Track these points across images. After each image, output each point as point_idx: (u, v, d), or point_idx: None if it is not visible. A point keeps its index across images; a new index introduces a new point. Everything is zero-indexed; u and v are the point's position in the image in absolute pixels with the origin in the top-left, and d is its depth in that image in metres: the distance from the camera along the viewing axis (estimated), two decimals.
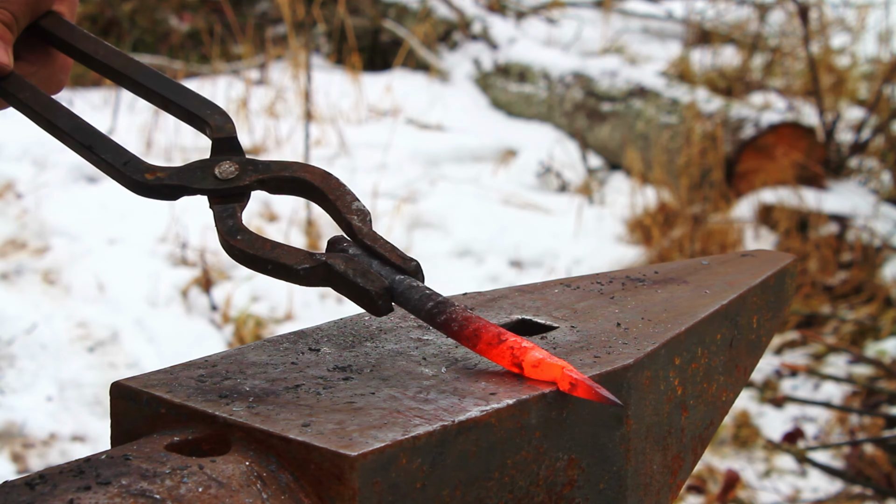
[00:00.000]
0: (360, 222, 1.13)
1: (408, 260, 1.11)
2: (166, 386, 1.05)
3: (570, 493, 1.08)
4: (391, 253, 1.11)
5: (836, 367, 4.54)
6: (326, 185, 1.15)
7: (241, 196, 1.13)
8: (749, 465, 4.05)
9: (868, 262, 5.05)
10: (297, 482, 0.95)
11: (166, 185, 1.13)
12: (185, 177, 1.13)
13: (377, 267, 1.11)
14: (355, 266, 1.09)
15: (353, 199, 1.14)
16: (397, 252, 1.12)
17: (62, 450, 3.81)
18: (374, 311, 1.10)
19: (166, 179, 1.13)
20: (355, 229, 1.12)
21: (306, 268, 1.09)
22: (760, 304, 1.33)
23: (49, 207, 5.14)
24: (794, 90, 6.63)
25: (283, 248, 1.10)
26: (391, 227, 5.33)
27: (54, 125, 1.18)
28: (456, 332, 1.09)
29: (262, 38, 7.46)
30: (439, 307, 1.10)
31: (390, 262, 1.11)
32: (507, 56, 7.13)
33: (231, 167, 1.14)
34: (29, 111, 1.19)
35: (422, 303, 1.10)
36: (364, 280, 1.08)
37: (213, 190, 1.13)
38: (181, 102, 1.19)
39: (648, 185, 5.83)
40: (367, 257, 1.11)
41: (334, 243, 1.13)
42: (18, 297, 4.52)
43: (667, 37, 8.03)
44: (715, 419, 1.27)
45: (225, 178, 1.13)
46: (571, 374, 1.04)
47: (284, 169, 1.15)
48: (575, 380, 1.04)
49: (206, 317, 4.63)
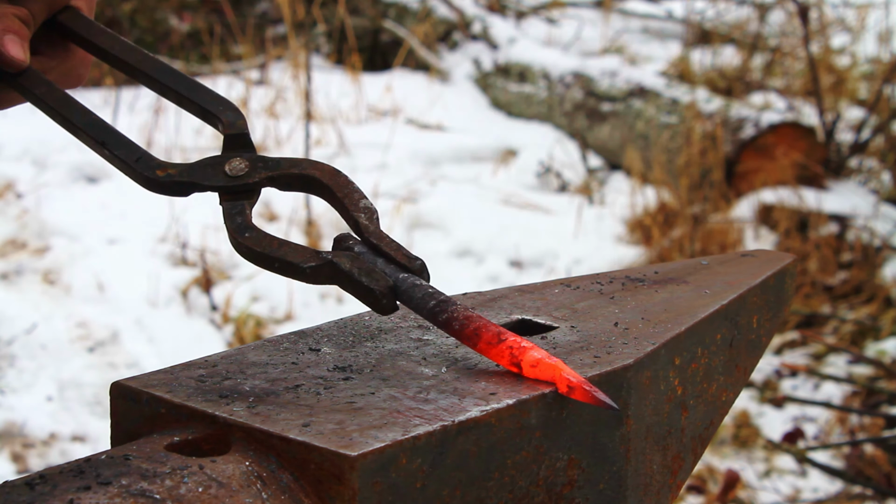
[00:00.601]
0: (367, 220, 1.14)
1: (413, 259, 1.12)
2: (166, 386, 1.05)
3: (570, 493, 1.08)
4: (396, 252, 1.12)
5: (836, 367, 4.54)
6: (335, 182, 1.16)
7: (251, 193, 1.14)
8: (749, 465, 4.05)
9: (868, 262, 5.05)
10: (297, 482, 0.95)
11: (177, 182, 1.14)
12: (196, 173, 1.14)
13: (382, 265, 1.11)
14: (360, 265, 1.10)
15: (361, 196, 1.15)
16: (403, 251, 1.12)
17: (62, 450, 3.81)
18: (378, 310, 1.10)
19: (177, 176, 1.14)
20: (362, 227, 1.13)
21: (312, 266, 1.09)
22: (760, 304, 1.33)
23: (49, 207, 5.14)
24: (794, 90, 6.63)
25: (289, 247, 1.11)
26: (391, 227, 5.33)
27: (69, 120, 1.19)
28: (457, 330, 1.09)
29: (262, 38, 7.46)
30: (441, 306, 1.10)
31: (395, 261, 1.12)
32: (507, 56, 7.13)
33: (241, 164, 1.15)
34: (44, 106, 1.20)
35: (424, 301, 1.10)
36: (369, 279, 1.09)
37: (224, 187, 1.14)
38: (195, 98, 1.20)
39: (648, 185, 5.83)
40: (372, 255, 1.12)
41: (340, 241, 1.14)
42: (18, 297, 4.52)
43: (667, 37, 8.03)
44: (715, 419, 1.27)
45: (235, 175, 1.14)
46: (569, 376, 1.04)
47: (294, 166, 1.16)
48: (572, 382, 1.04)
49: (206, 317, 4.63)
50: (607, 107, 6.34)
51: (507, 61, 7.09)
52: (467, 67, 7.27)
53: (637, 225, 5.56)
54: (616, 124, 6.27)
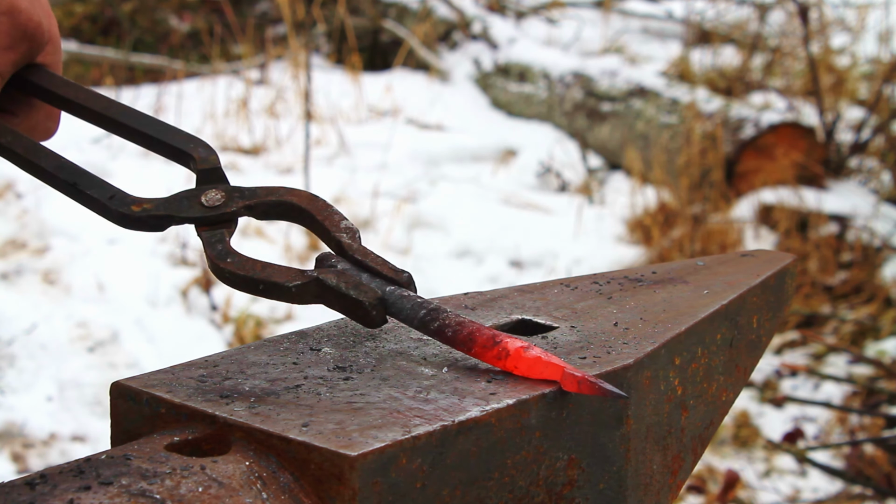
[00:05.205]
0: (350, 239, 1.14)
1: (399, 272, 1.12)
2: (166, 386, 1.05)
3: (570, 493, 1.08)
4: (383, 266, 1.12)
5: (836, 367, 4.54)
6: (314, 206, 1.15)
7: (229, 222, 1.14)
8: (749, 465, 4.05)
9: (868, 262, 5.05)
10: (297, 482, 0.95)
11: (153, 216, 1.13)
12: (172, 207, 1.14)
13: (367, 280, 1.11)
14: (347, 279, 1.10)
15: (342, 218, 1.15)
16: (389, 265, 1.13)
17: (62, 450, 3.82)
18: (368, 323, 1.11)
19: (153, 210, 1.13)
20: (345, 246, 1.13)
21: (298, 284, 1.09)
22: (760, 304, 1.33)
23: (49, 207, 5.14)
24: (794, 90, 6.63)
25: (273, 268, 1.10)
26: (391, 227, 5.33)
27: (37, 166, 1.18)
28: (450, 337, 1.09)
29: (262, 38, 7.46)
30: (432, 314, 1.10)
31: (381, 275, 1.12)
32: (507, 56, 7.13)
33: (217, 195, 1.15)
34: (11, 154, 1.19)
35: (414, 311, 1.10)
36: (357, 292, 1.09)
37: (201, 218, 1.13)
38: (164, 139, 1.19)
39: (648, 185, 5.83)
40: (357, 271, 1.12)
41: (323, 260, 1.14)
42: (18, 297, 4.52)
43: (667, 37, 8.03)
44: (715, 419, 1.27)
45: (212, 206, 1.14)
46: (572, 372, 1.04)
47: (271, 193, 1.15)
48: (577, 377, 1.04)
49: (206, 317, 4.64)
50: (607, 107, 6.34)
51: (507, 61, 7.09)
52: (467, 67, 7.27)
53: (637, 225, 5.56)
54: (616, 124, 6.27)
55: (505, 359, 1.07)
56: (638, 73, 6.51)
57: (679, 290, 1.32)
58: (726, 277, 1.35)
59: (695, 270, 1.39)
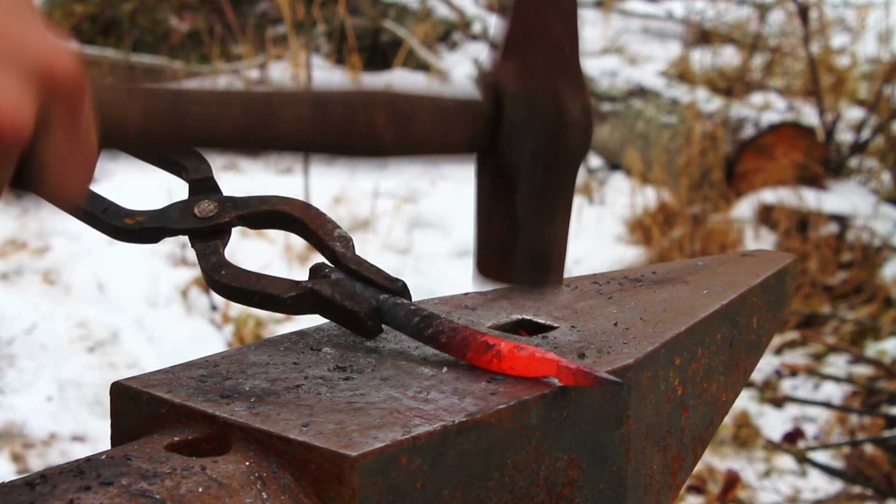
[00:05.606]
0: (344, 248, 1.14)
1: (394, 280, 1.13)
2: (166, 386, 1.05)
3: (570, 493, 1.08)
4: (377, 275, 1.13)
5: (836, 367, 4.54)
6: (307, 215, 1.15)
7: (223, 233, 1.14)
8: (749, 465, 4.05)
9: (868, 262, 5.05)
10: (297, 482, 0.95)
11: (146, 229, 1.13)
12: (165, 218, 1.14)
13: (361, 289, 1.12)
14: (342, 290, 1.10)
15: (335, 226, 1.15)
16: (383, 274, 1.13)
17: (62, 450, 3.82)
18: (363, 333, 1.11)
19: (146, 223, 1.13)
20: (339, 255, 1.13)
21: (293, 296, 1.10)
22: (760, 304, 1.33)
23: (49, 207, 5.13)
24: (794, 90, 6.63)
25: (268, 279, 1.11)
26: (391, 228, 5.33)
27: None
28: (444, 344, 1.10)
29: (262, 38, 7.46)
30: (425, 321, 1.10)
31: (375, 284, 1.12)
32: None
33: (210, 205, 1.14)
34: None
35: (408, 319, 1.11)
36: (352, 303, 1.10)
37: (194, 229, 1.13)
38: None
39: (648, 185, 5.83)
40: (350, 281, 1.12)
41: (316, 270, 1.14)
42: (18, 297, 4.52)
43: (667, 37, 8.03)
44: (715, 419, 1.27)
45: (205, 217, 1.14)
46: (568, 365, 1.05)
47: (264, 203, 1.15)
48: (573, 369, 1.04)
49: (206, 317, 4.64)
50: (607, 107, 6.34)
51: None
52: (467, 67, 7.27)
53: (637, 225, 5.56)
54: (616, 124, 6.27)
55: (500, 361, 1.07)
56: (638, 73, 6.50)
57: (679, 290, 1.32)
58: (726, 277, 1.35)
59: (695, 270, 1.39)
